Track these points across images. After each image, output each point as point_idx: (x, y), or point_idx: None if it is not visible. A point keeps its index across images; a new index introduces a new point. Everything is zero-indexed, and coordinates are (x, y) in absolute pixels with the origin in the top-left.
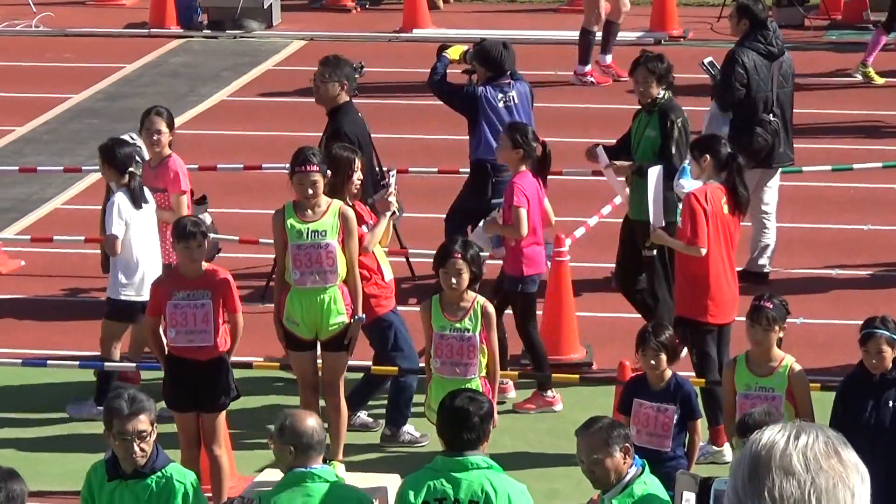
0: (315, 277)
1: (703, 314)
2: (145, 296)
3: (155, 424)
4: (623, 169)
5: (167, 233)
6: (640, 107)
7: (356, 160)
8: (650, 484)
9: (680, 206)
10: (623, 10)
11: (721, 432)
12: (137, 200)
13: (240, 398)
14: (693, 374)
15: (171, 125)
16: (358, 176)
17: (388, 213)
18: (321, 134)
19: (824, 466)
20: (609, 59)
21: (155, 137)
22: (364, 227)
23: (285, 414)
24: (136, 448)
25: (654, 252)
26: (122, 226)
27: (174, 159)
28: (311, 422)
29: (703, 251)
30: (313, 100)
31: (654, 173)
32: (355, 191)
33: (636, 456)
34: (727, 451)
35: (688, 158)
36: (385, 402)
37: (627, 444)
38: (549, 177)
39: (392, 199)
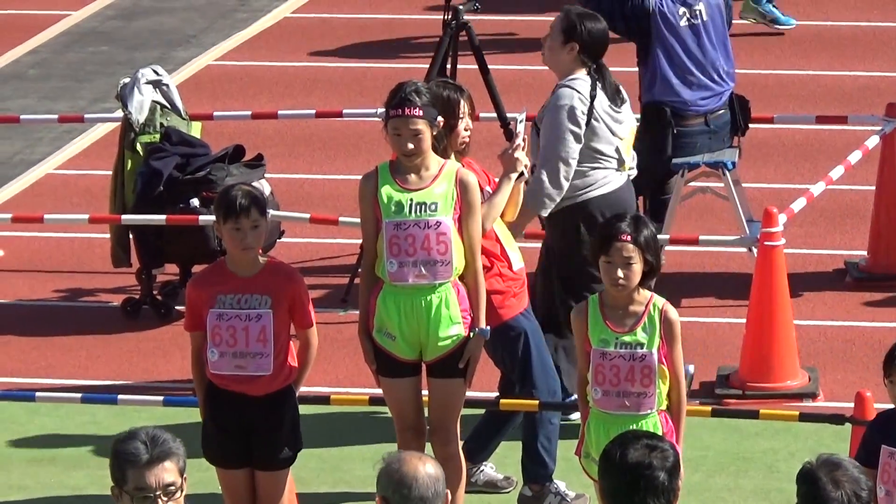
0: (419, 270)
1: None
2: None
3: (185, 475)
4: None
5: None
6: None
7: (461, 101)
8: None
9: None
10: None
11: None
12: None
13: (301, 449)
14: None
15: None
16: (466, 124)
17: (515, 175)
18: (427, 66)
19: None
20: None
21: None
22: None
23: (388, 456)
24: None
25: None
26: None
27: None
28: (425, 469)
29: None
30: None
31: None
32: (462, 145)
33: None
34: None
35: None
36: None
37: None
38: (752, 125)
39: (520, 154)
